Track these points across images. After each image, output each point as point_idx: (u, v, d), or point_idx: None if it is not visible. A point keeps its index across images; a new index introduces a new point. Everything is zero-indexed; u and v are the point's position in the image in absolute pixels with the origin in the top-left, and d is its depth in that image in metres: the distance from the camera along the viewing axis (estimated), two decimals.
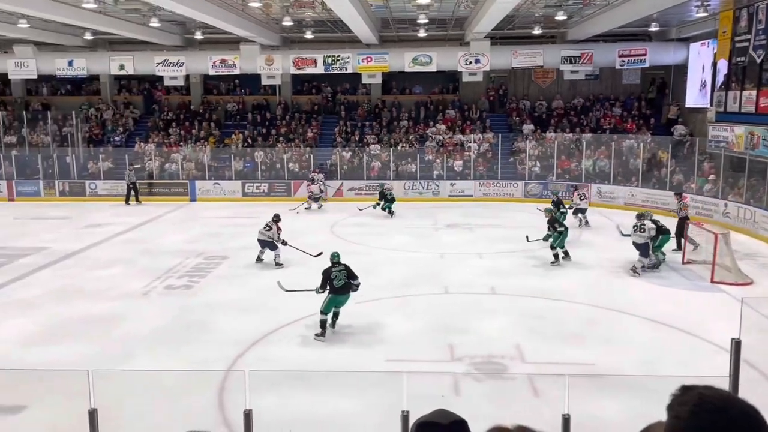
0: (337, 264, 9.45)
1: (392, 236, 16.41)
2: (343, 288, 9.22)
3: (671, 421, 1.17)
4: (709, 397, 1.15)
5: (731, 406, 1.13)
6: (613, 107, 24.85)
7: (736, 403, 1.14)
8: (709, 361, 7.86)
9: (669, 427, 1.18)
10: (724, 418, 1.11)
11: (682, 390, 1.20)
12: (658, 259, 12.84)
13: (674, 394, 1.21)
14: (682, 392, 1.20)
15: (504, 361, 8.30)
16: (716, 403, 1.13)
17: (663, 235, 12.85)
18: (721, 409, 1.12)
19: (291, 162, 23.45)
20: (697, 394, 1.17)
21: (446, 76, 26.27)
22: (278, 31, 23.76)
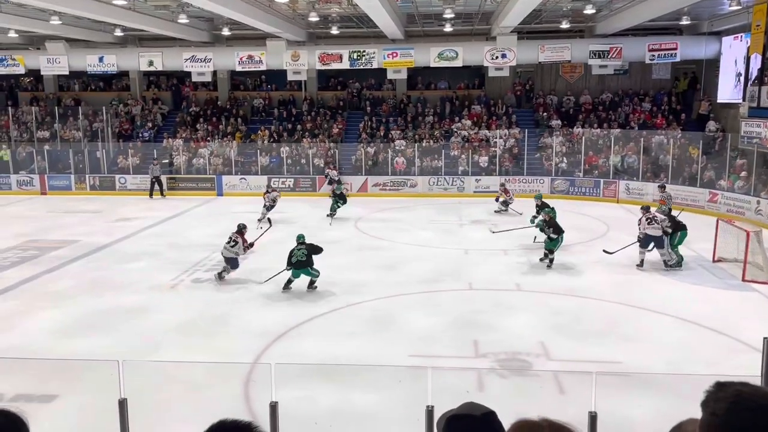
0: (300, 244, 11.35)
1: (416, 232, 16.40)
2: (297, 264, 11.13)
3: (708, 418, 1.16)
4: (748, 393, 1.14)
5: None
6: (643, 102, 24.43)
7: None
8: (739, 361, 7.71)
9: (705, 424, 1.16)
10: (763, 416, 1.10)
11: (718, 386, 1.19)
12: (679, 257, 12.62)
13: (709, 390, 1.19)
14: (717, 389, 1.18)
15: (529, 358, 8.25)
16: (756, 400, 1.12)
17: (681, 231, 12.63)
18: (761, 407, 1.11)
19: (316, 157, 23.56)
20: (734, 391, 1.15)
21: (472, 71, 26.10)
22: (304, 27, 23.85)
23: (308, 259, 11.17)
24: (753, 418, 1.10)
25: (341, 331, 9.34)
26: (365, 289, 11.26)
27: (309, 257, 11.19)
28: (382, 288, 11.36)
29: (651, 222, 12.47)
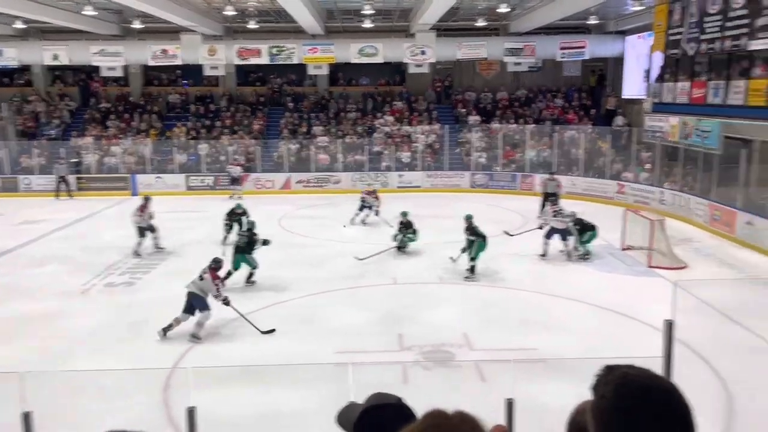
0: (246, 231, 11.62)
1: (339, 228, 16.35)
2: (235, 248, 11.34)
3: (597, 401, 1.19)
4: (633, 376, 1.17)
5: (653, 385, 1.16)
6: (555, 98, 25.43)
7: (658, 382, 1.17)
8: (646, 343, 8.16)
9: (594, 407, 1.19)
10: (646, 397, 1.14)
11: (606, 370, 1.22)
12: (586, 250, 13.23)
13: (599, 374, 1.22)
14: (606, 372, 1.21)
15: (452, 349, 8.41)
16: (639, 382, 1.16)
17: (589, 231, 13.25)
18: (644, 388, 1.15)
19: (237, 154, 23.03)
20: (621, 373, 1.18)
21: (393, 67, 26.29)
22: (221, 21, 23.24)
23: (246, 246, 11.26)
24: (639, 399, 1.13)
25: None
26: (290, 287, 11.14)
27: (248, 245, 11.28)
28: (308, 285, 11.27)
29: (557, 215, 13.10)
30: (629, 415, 1.13)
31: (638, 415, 1.12)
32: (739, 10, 14.63)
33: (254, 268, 11.43)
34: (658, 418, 1.12)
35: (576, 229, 13.23)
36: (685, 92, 17.21)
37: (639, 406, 1.13)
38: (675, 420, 1.14)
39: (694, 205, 16.42)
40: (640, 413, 1.12)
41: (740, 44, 14.59)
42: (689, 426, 1.15)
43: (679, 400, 1.16)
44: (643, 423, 1.12)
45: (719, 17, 15.38)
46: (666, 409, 1.13)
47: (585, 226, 13.30)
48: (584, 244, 13.26)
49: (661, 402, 1.14)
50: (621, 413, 1.14)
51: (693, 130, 16.52)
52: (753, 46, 14.14)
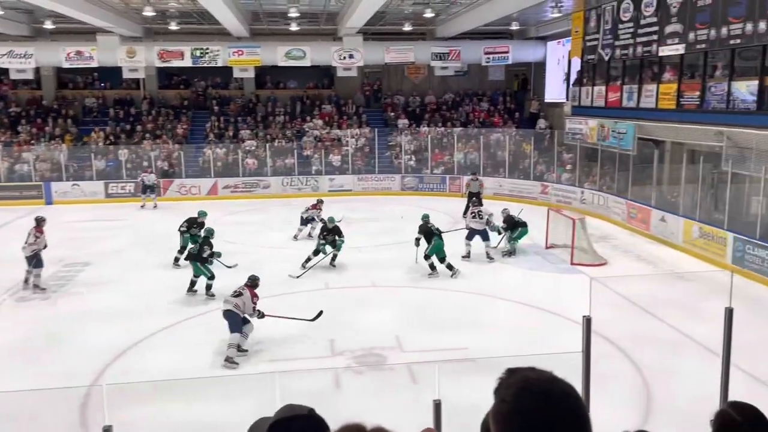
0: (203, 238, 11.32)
1: (271, 233, 16.10)
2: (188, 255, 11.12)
3: (498, 405, 1.18)
4: (533, 379, 1.17)
5: (553, 388, 1.16)
6: (481, 102, 26.04)
7: (558, 385, 1.17)
8: (571, 337, 8.42)
9: (495, 411, 1.18)
10: (545, 400, 1.14)
11: (508, 373, 1.21)
12: (513, 247, 13.62)
13: (501, 377, 1.22)
14: (507, 376, 1.21)
15: (384, 352, 8.42)
16: (540, 385, 1.15)
17: (521, 228, 13.65)
18: (544, 391, 1.15)
19: (160, 160, 22.27)
20: (521, 377, 1.18)
21: (321, 70, 26.16)
22: (140, 22, 22.43)
23: (198, 254, 10.93)
24: (537, 403, 1.13)
25: (191, 342, 8.89)
26: (216, 296, 10.81)
27: (199, 252, 10.94)
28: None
29: (475, 216, 13.48)
30: (528, 420, 1.12)
31: (537, 419, 1.12)
32: (649, 17, 15.44)
33: (208, 278, 10.98)
34: (556, 423, 1.12)
35: (503, 227, 13.56)
36: (602, 96, 18.01)
37: (538, 411, 1.12)
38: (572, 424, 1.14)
39: (612, 203, 17.17)
40: (538, 417, 1.12)
41: (651, 50, 15.40)
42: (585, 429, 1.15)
43: (577, 403, 1.16)
44: (540, 427, 1.12)
45: (631, 24, 16.18)
46: (564, 413, 1.14)
47: (516, 223, 13.65)
48: (515, 241, 13.62)
49: (560, 406, 1.14)
50: (520, 417, 1.13)
51: (610, 132, 17.29)
52: (662, 52, 14.97)
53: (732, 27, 12.47)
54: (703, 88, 13.77)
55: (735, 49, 12.73)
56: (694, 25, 13.67)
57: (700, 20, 13.46)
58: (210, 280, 10.99)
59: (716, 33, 12.95)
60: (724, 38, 12.73)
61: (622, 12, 16.60)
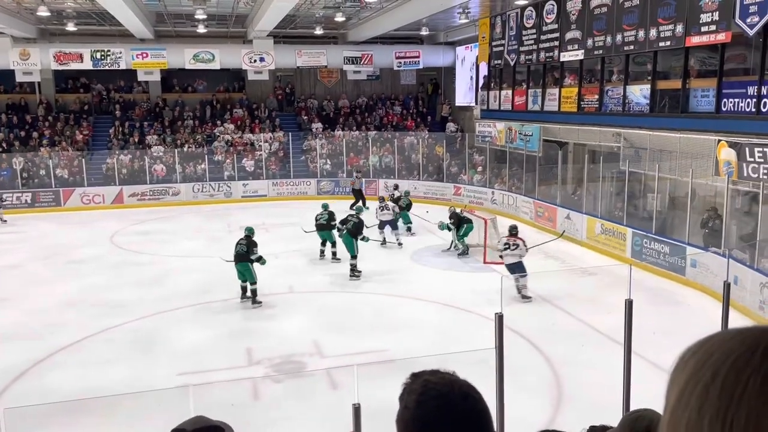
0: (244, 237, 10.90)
1: (182, 242, 15.56)
2: (236, 256, 10.62)
3: (401, 411, 1.17)
4: (433, 383, 1.17)
5: (451, 390, 1.16)
6: (394, 106, 26.37)
7: (457, 386, 1.18)
8: (484, 334, 8.67)
9: (399, 417, 1.18)
10: (445, 403, 1.14)
11: (412, 378, 1.21)
12: (465, 246, 13.91)
13: (405, 382, 1.21)
14: (411, 381, 1.20)
15: (303, 358, 8.32)
16: (439, 389, 1.15)
17: (466, 224, 13.93)
18: (444, 395, 1.15)
19: (59, 168, 21.01)
20: (423, 381, 1.17)
21: (232, 74, 25.57)
22: (34, 23, 21.07)
23: (247, 252, 10.59)
24: (437, 408, 1.12)
25: (98, 359, 8.42)
26: (124, 310, 10.33)
27: (248, 251, 10.61)
28: (145, 306, 10.53)
29: (383, 209, 15.01)
30: (429, 425, 1.13)
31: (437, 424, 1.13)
32: (550, 24, 16.19)
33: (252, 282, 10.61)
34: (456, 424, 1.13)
35: (451, 223, 13.81)
36: (509, 100, 18.70)
37: (437, 415, 1.13)
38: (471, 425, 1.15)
39: (521, 203, 17.84)
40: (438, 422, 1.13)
41: (553, 56, 16.15)
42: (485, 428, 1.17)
43: (477, 403, 1.17)
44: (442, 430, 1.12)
45: (534, 31, 16.91)
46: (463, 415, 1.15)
47: (461, 220, 13.89)
48: (462, 239, 13.87)
49: (460, 408, 1.15)
50: (421, 423, 1.13)
51: (517, 135, 17.98)
52: (563, 58, 15.73)
53: (626, 34, 13.29)
54: (601, 92, 14.59)
55: (629, 55, 13.57)
56: (591, 32, 14.46)
57: (597, 27, 14.27)
58: (254, 285, 10.58)
59: (612, 39, 13.76)
60: (620, 44, 13.55)
61: (526, 19, 17.31)
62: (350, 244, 12.24)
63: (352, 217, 12.59)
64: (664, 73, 13.17)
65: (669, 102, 12.77)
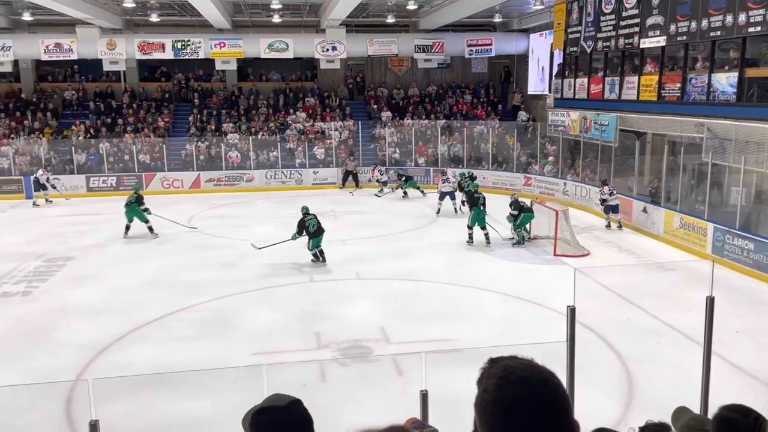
0: (307, 215, 12.28)
1: (255, 227, 16.04)
2: (317, 231, 12.15)
3: (480, 394, 1.19)
4: (513, 367, 1.18)
5: (532, 375, 1.17)
6: (464, 95, 26.09)
7: (537, 371, 1.19)
8: (553, 328, 8.53)
9: (478, 400, 1.19)
10: (526, 387, 1.15)
11: (490, 363, 1.22)
12: (520, 236, 13.76)
13: (483, 367, 1.23)
14: (489, 365, 1.22)
15: (369, 344, 8.45)
16: (519, 373, 1.16)
17: (525, 213, 13.75)
18: (524, 378, 1.16)
19: (141, 153, 22.05)
20: (502, 366, 1.19)
21: (304, 63, 26.03)
22: (120, 14, 22.13)
23: (320, 227, 12.22)
24: (518, 392, 1.14)
25: (176, 336, 8.85)
26: (201, 290, 10.79)
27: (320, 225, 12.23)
28: (221, 287, 10.97)
29: (444, 181, 17.30)
30: (510, 408, 1.14)
31: (518, 407, 1.14)
32: (630, 9, 15.56)
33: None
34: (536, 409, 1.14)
35: (512, 213, 13.69)
36: (584, 88, 18.14)
37: (519, 398, 1.14)
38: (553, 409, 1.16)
39: (594, 195, 17.32)
40: (519, 405, 1.13)
41: (632, 42, 15.53)
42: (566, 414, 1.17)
43: (557, 388, 1.18)
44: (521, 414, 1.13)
45: (613, 16, 16.30)
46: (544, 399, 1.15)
47: (522, 209, 13.74)
48: (519, 228, 13.73)
49: (541, 392, 1.15)
50: (502, 406, 1.14)
51: (592, 124, 17.44)
52: (644, 44, 15.10)
53: (713, 19, 12.61)
54: (683, 80, 13.92)
55: (715, 41, 12.88)
56: (675, 17, 13.80)
57: (681, 12, 13.60)
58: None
59: (697, 25, 13.09)
60: (705, 30, 12.87)
61: (604, 4, 16.71)
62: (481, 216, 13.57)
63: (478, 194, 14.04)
64: (753, 60, 12.42)
65: (758, 91, 12.05)
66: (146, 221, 14.65)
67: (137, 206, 14.56)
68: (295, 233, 12.26)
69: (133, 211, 14.53)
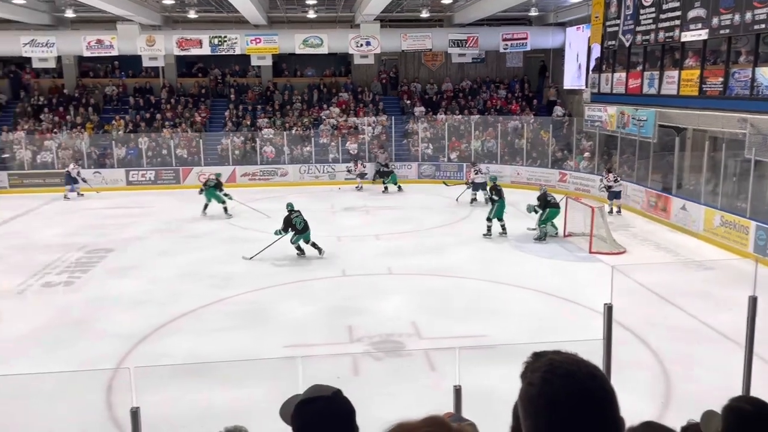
0: (293, 211, 12.33)
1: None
2: (304, 228, 12.30)
3: (525, 388, 1.18)
4: (559, 362, 1.17)
5: (578, 369, 1.16)
6: (499, 89, 25.84)
7: (584, 366, 1.18)
8: (588, 325, 8.42)
9: (523, 394, 1.19)
10: (573, 382, 1.14)
11: (534, 357, 1.22)
12: (543, 232, 13.63)
13: (527, 361, 1.22)
14: (534, 359, 1.21)
15: (401, 338, 8.47)
16: (566, 367, 1.16)
17: (550, 209, 13.60)
18: (571, 373, 1.15)
19: (179, 148, 22.47)
20: (547, 360, 1.18)
21: (338, 58, 26.13)
22: (159, 10, 22.54)
23: (306, 223, 12.37)
24: (564, 385, 1.13)
25: (211, 327, 9.01)
26: (235, 283, 10.96)
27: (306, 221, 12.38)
28: (254, 280, 11.13)
29: (477, 173, 17.73)
30: (555, 402, 1.13)
31: (564, 401, 1.13)
32: (671, 2, 15.18)
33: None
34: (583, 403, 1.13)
35: (538, 206, 13.57)
36: (622, 83, 17.78)
37: (565, 392, 1.13)
38: (599, 404, 1.15)
39: (632, 191, 17.00)
40: (565, 399, 1.13)
41: (673, 36, 15.16)
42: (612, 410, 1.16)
43: (603, 383, 1.17)
44: (569, 408, 1.12)
45: (653, 9, 15.92)
46: (590, 394, 1.14)
47: (548, 203, 13.60)
48: (543, 224, 13.60)
49: (586, 386, 1.15)
50: (547, 400, 1.14)
51: (630, 119, 17.10)
52: (685, 38, 14.73)
53: (756, 12, 12.22)
54: (726, 75, 13.53)
55: (760, 35, 12.48)
56: (717, 9, 13.41)
57: (724, 5, 13.21)
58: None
59: (740, 18, 12.71)
60: (749, 23, 12.48)
61: None
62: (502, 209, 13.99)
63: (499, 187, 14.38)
64: None
65: None
66: (223, 202, 16.53)
67: (215, 190, 16.50)
68: (280, 229, 12.29)
69: (211, 193, 16.52)
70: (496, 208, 14.04)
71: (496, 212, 14.05)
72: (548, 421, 1.13)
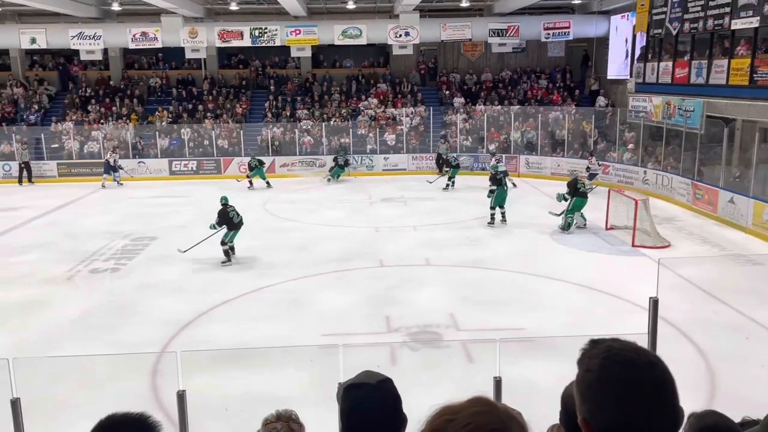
0: (227, 205, 11.88)
1: (326, 212, 16.33)
2: (239, 223, 11.87)
3: (583, 374, 1.19)
4: (618, 349, 1.18)
5: (638, 357, 1.16)
6: (539, 80, 25.43)
7: (643, 354, 1.18)
8: (630, 320, 8.26)
9: (580, 380, 1.20)
10: (632, 368, 1.14)
11: (592, 344, 1.23)
12: (567, 222, 13.42)
13: (584, 348, 1.23)
14: (591, 346, 1.22)
15: (439, 329, 8.47)
16: (625, 354, 1.16)
17: (578, 198, 13.37)
18: (630, 360, 1.15)
19: (220, 139, 22.84)
20: (606, 347, 1.19)
21: (377, 49, 26.10)
22: (201, 2, 22.88)
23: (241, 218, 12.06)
24: (623, 371, 1.14)
25: (252, 315, 9.18)
26: (275, 272, 11.12)
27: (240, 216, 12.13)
28: (293, 269, 11.26)
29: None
30: (614, 388, 1.14)
31: (623, 387, 1.13)
32: None
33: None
34: (642, 390, 1.13)
35: (568, 193, 13.38)
36: (668, 72, 17.30)
37: (624, 379, 1.13)
38: (659, 392, 1.15)
39: (677, 184, 16.57)
40: (625, 385, 1.13)
41: (723, 23, 14.66)
42: (673, 397, 1.16)
43: (664, 372, 1.16)
44: (628, 395, 1.12)
45: None
46: (650, 381, 1.14)
47: (577, 191, 13.38)
48: (571, 213, 13.40)
49: (646, 374, 1.14)
50: (606, 386, 1.14)
51: (676, 110, 16.64)
52: (735, 26, 14.22)
53: None
54: None
55: None
56: None
57: None
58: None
59: None
60: None
61: None
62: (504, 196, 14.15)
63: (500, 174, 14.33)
64: None
65: None
66: (265, 179, 19.72)
67: (262, 169, 19.63)
68: (214, 223, 11.66)
69: (258, 171, 19.64)
70: (495, 196, 14.15)
71: (496, 200, 14.18)
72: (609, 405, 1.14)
